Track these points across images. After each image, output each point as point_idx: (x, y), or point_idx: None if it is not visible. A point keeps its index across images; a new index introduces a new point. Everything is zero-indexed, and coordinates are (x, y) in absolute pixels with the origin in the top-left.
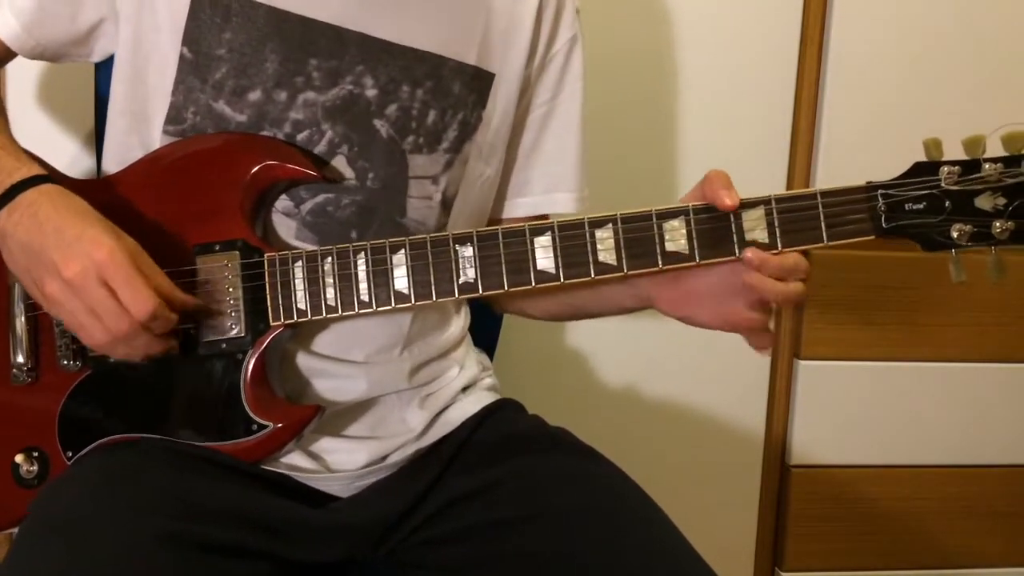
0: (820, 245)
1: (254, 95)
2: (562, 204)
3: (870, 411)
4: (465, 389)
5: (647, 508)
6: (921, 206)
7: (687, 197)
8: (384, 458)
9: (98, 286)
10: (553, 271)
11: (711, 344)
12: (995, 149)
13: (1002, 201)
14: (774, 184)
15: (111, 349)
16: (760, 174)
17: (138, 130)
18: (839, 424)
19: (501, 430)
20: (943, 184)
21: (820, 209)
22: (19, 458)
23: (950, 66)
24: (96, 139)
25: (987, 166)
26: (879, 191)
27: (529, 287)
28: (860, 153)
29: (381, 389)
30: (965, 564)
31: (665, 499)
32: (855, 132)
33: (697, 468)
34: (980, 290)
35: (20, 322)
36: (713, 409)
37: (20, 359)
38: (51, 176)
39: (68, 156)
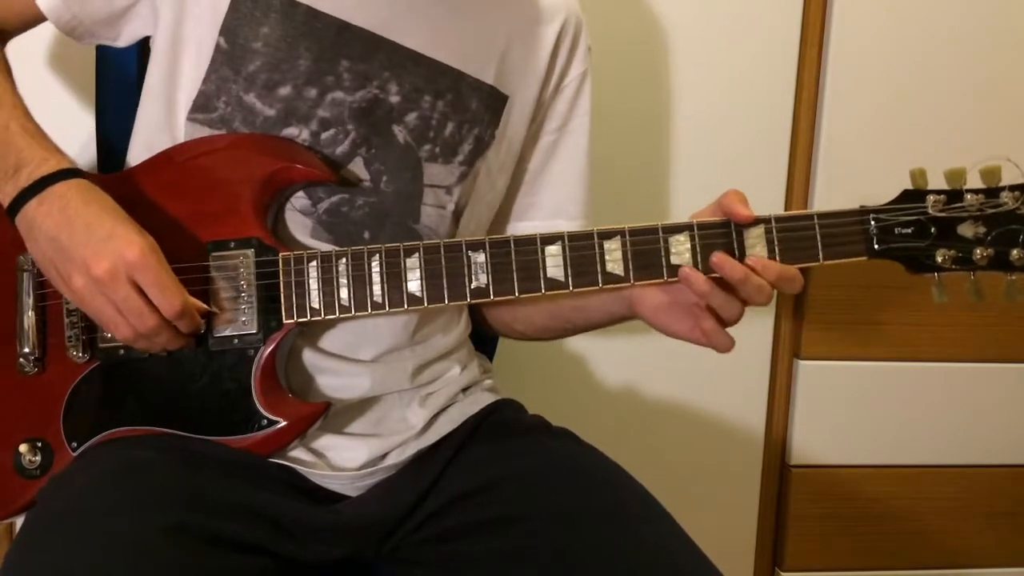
0: (815, 264)
1: (284, 90)
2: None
3: (870, 411)
4: (465, 389)
5: (649, 505)
6: (909, 231)
7: (701, 213)
8: (384, 456)
9: (126, 284)
10: (562, 279)
11: None
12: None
13: (982, 230)
14: (774, 184)
15: (132, 343)
16: (760, 174)
17: (166, 115)
18: (839, 424)
19: (502, 429)
20: (930, 211)
21: (817, 230)
22: (23, 448)
23: (950, 66)
24: (97, 128)
25: (969, 196)
26: (871, 215)
27: (539, 294)
28: (860, 153)
29: (384, 388)
30: (965, 564)
31: (665, 499)
32: (855, 132)
33: (697, 468)
34: None
35: (28, 312)
36: (713, 409)
37: (27, 348)
38: (79, 170)
39: (71, 152)
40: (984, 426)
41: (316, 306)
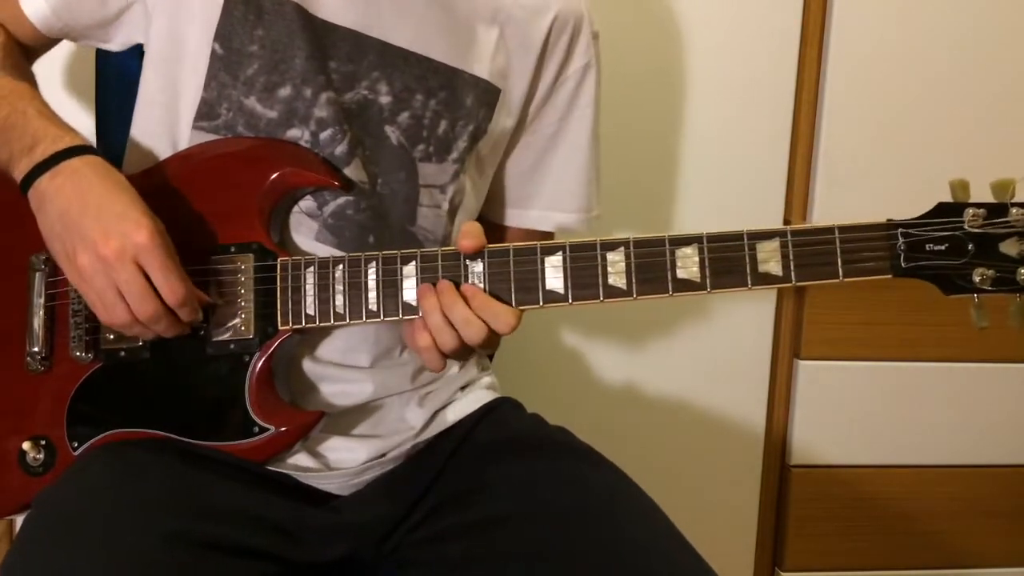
0: (835, 281)
1: (284, 91)
2: (559, 223)
3: (870, 411)
4: (464, 388)
5: (645, 507)
6: (943, 247)
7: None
8: (383, 455)
9: (131, 266)
10: (562, 291)
11: (711, 344)
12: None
13: None
14: (774, 184)
15: (127, 329)
16: (760, 174)
17: (167, 122)
18: (839, 424)
19: (500, 428)
20: (967, 227)
21: (837, 244)
22: (27, 445)
23: (950, 66)
24: (97, 128)
25: (1015, 211)
26: (899, 230)
27: (537, 306)
28: (860, 154)
29: (386, 392)
30: (965, 564)
31: (665, 499)
32: (855, 133)
33: (697, 468)
34: None
35: (38, 311)
36: (713, 409)
37: (35, 347)
38: (94, 148)
39: None
40: (984, 426)
41: (312, 313)
